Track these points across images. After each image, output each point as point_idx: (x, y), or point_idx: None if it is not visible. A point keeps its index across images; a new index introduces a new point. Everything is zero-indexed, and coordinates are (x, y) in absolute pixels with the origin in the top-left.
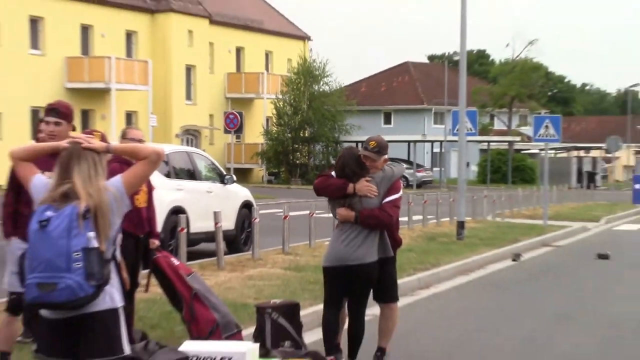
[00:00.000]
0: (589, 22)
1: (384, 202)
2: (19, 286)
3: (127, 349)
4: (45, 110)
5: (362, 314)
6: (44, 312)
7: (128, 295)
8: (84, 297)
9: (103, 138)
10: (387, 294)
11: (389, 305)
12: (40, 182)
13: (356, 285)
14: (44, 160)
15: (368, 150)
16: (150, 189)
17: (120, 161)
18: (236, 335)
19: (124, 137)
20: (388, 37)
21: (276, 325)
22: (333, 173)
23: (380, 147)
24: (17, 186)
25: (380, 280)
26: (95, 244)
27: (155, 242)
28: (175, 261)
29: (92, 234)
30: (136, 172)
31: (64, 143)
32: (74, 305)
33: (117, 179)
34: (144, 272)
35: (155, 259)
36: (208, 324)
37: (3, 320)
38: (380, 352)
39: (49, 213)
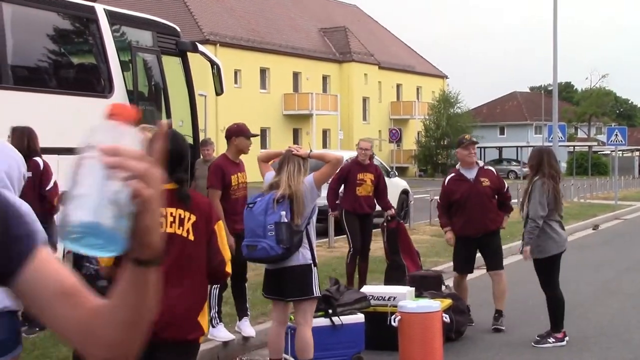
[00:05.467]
0: None
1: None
2: None
3: (316, 292)
4: None
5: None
6: (267, 266)
7: (363, 255)
8: (274, 255)
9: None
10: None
11: (497, 272)
12: (269, 177)
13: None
14: None
15: (465, 142)
16: (377, 182)
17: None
18: None
19: (357, 145)
20: (502, 72)
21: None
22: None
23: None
24: None
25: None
26: (285, 219)
27: (391, 211)
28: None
29: (283, 213)
30: (323, 171)
31: (283, 150)
32: (269, 261)
33: (310, 177)
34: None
35: (399, 223)
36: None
37: None
38: (498, 313)
39: (258, 199)
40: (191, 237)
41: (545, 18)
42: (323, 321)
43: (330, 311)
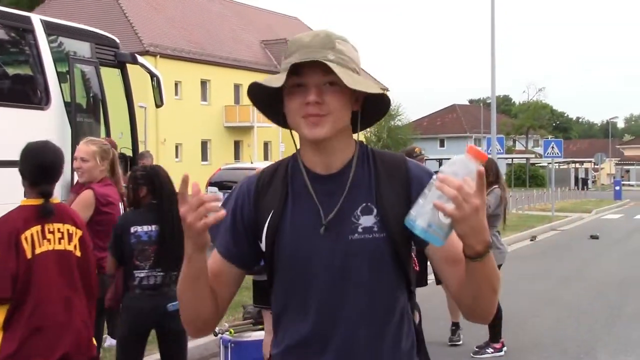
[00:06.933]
0: (581, 67)
1: None
2: None
3: None
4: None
5: None
6: (254, 277)
7: None
8: (260, 266)
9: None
10: None
11: None
12: None
13: None
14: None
15: (415, 156)
16: None
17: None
18: None
19: None
20: (440, 86)
21: None
22: None
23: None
24: None
25: None
26: None
27: None
28: None
29: None
30: None
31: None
32: (254, 272)
33: None
34: None
35: None
36: None
37: None
38: (455, 326)
39: None
40: (78, 253)
41: (484, 32)
42: None
43: None
